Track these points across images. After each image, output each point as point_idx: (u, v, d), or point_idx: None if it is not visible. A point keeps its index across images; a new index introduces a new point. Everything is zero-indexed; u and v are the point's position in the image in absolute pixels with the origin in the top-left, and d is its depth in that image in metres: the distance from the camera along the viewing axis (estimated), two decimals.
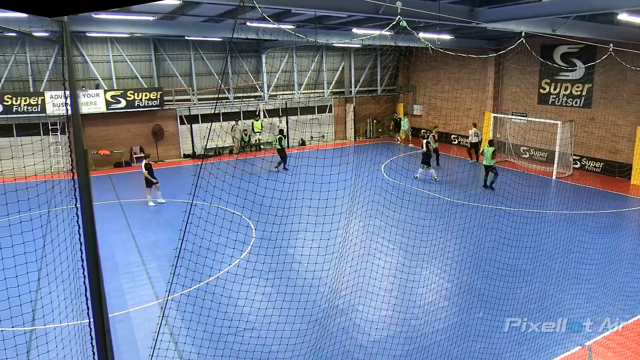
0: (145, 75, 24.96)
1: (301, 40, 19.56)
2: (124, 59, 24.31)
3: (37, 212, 10.33)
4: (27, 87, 22.43)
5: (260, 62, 27.63)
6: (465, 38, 22.40)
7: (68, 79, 4.43)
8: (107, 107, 23.12)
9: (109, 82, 24.13)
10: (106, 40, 23.55)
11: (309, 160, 8.66)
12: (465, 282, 10.65)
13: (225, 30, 18.90)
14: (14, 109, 21.30)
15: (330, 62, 30.06)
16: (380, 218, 12.73)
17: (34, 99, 21.59)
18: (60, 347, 7.79)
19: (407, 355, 8.12)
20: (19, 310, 8.43)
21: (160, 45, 25.01)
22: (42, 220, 10.16)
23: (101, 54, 23.86)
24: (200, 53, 25.97)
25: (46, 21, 11.72)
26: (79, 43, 22.95)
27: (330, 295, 9.48)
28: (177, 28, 18.95)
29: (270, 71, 27.93)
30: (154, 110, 24.73)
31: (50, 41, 20.46)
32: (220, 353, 7.93)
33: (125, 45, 24.19)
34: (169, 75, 25.62)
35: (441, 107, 28.56)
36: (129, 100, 23.49)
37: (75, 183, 4.58)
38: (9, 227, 9.57)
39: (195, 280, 9.51)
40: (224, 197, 8.64)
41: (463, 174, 19.93)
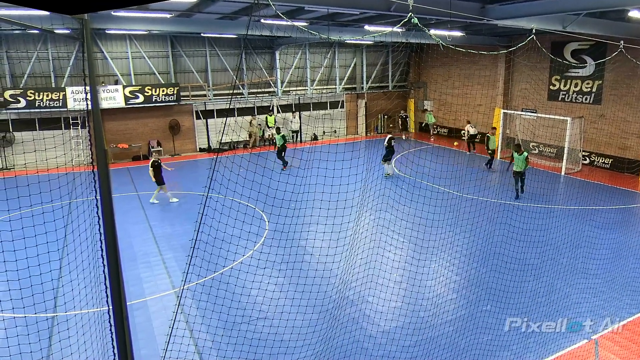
0: (162, 72, 25.38)
1: (314, 37, 19.76)
2: (142, 56, 24.74)
3: (58, 203, 10.71)
4: (49, 82, 22.98)
5: (274, 59, 27.88)
6: (476, 35, 22.35)
7: (88, 74, 4.51)
8: (126, 102, 23.59)
9: (127, 78, 24.59)
10: (125, 37, 23.99)
11: (321, 155, 8.86)
12: (474, 275, 10.78)
13: (240, 27, 19.15)
14: (37, 103, 21.86)
15: (342, 58, 30.20)
16: (390, 212, 12.90)
17: (56, 94, 22.13)
18: (80, 333, 8.03)
19: (416, 346, 8.24)
20: (42, 298, 8.75)
21: (177, 42, 25.39)
22: (63, 211, 10.50)
23: (120, 50, 24.32)
24: (215, 50, 26.30)
25: (67, 19, 12.06)
26: (99, 40, 23.40)
27: (341, 286, 9.67)
28: (193, 25, 19.25)
29: (284, 67, 28.17)
30: (170, 106, 25.15)
31: (71, 38, 20.95)
32: (233, 341, 8.16)
33: (143, 42, 24.62)
34: (186, 72, 26.01)
35: (451, 103, 28.52)
36: (147, 95, 23.94)
37: (95, 176, 4.66)
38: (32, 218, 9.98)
39: (210, 271, 9.77)
40: (239, 190, 8.89)
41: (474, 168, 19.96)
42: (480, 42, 23.11)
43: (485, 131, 26.31)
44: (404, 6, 9.81)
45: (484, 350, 8.12)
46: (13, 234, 8.08)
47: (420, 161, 21.39)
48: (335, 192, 9.51)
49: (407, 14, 8.35)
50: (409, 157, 22.44)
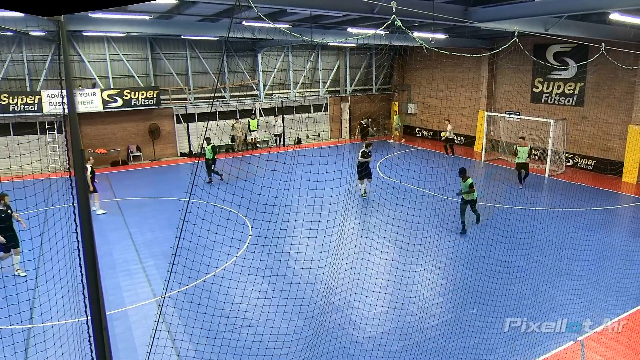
0: (141, 75, 24.99)
1: (297, 40, 19.62)
2: (121, 58, 24.33)
3: (34, 210, 10.37)
4: (24, 86, 22.40)
5: (256, 61, 27.70)
6: (459, 37, 22.55)
7: (65, 78, 4.43)
8: (104, 106, 23.13)
9: (105, 81, 24.15)
10: (102, 39, 23.56)
11: (304, 159, 8.74)
12: (460, 279, 10.77)
13: (221, 29, 18.94)
14: (11, 107, 21.28)
15: (325, 61, 30.18)
16: (375, 215, 12.85)
17: (31, 98, 21.58)
18: (58, 345, 7.80)
19: (403, 351, 8.19)
20: (17, 309, 8.47)
21: (157, 44, 25.04)
22: (39, 218, 10.19)
23: (98, 53, 23.87)
24: (196, 52, 26.00)
25: (42, 20, 11.75)
26: (76, 42, 22.94)
27: (326, 292, 9.56)
28: (173, 27, 18.97)
29: (266, 70, 28.01)
30: (150, 109, 24.76)
31: (47, 40, 20.44)
32: (217, 350, 8.01)
33: (121, 45, 24.21)
34: (166, 74, 25.66)
35: (435, 106, 28.73)
36: (126, 99, 23.51)
37: (72, 182, 4.58)
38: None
39: (193, 278, 9.57)
40: (221, 195, 8.73)
41: None
42: (464, 45, 23.33)
43: (470, 134, 26.64)
44: (387, 8, 9.75)
45: (471, 354, 8.11)
46: None
47: (404, 164, 21.39)
48: (319, 197, 9.38)
49: (390, 16, 8.29)
50: (393, 160, 22.46)
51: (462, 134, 27.50)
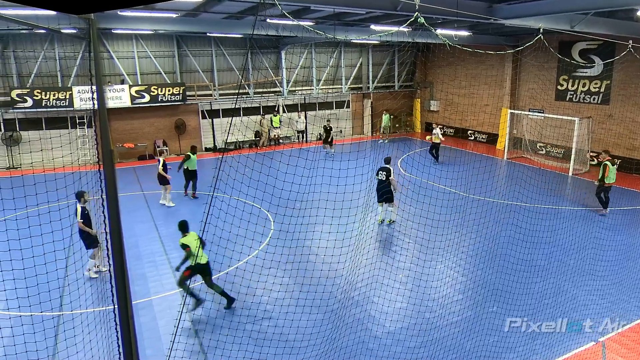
0: (168, 71, 25.46)
1: (320, 37, 19.74)
2: (148, 55, 24.83)
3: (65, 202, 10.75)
4: (56, 82, 23.09)
5: (280, 58, 27.90)
6: (483, 34, 22.28)
7: (95, 74, 4.52)
8: (132, 101, 23.68)
9: (133, 77, 24.69)
10: (131, 36, 24.08)
11: (326, 155, 8.84)
12: (480, 277, 10.73)
13: (245, 27, 19.17)
14: (43, 103, 21.99)
15: (348, 58, 30.18)
16: (395, 212, 12.87)
17: (62, 94, 22.25)
18: (86, 332, 8.07)
19: (421, 347, 8.21)
20: (48, 297, 8.81)
21: (183, 41, 25.45)
22: (69, 210, 10.54)
23: (126, 50, 24.42)
24: (221, 49, 26.35)
25: (74, 18, 12.12)
26: (105, 40, 23.51)
27: (346, 286, 9.66)
28: (199, 25, 19.29)
29: (290, 67, 28.18)
30: (176, 105, 25.22)
31: (78, 38, 21.02)
32: (238, 340, 8.16)
33: (149, 42, 24.71)
34: (191, 71, 26.07)
35: (458, 103, 28.47)
36: (153, 95, 24.02)
37: (101, 175, 4.67)
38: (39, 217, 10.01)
39: (215, 270, 9.78)
40: (244, 190, 8.90)
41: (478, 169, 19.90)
42: (487, 42, 23.04)
43: (492, 131, 26.31)
44: (411, 5, 9.79)
45: (490, 352, 8.08)
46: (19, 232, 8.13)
47: (426, 161, 21.34)
48: (340, 192, 9.50)
49: (413, 13, 8.32)
50: (415, 157, 22.39)
51: (484, 131, 27.21)
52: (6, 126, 22.59)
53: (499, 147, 25.44)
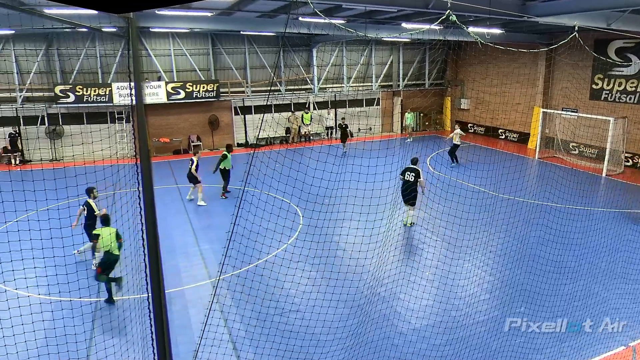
0: (203, 68, 26.01)
1: (351, 35, 19.79)
2: (184, 53, 25.43)
3: (103, 194, 11.18)
4: (97, 78, 23.94)
5: (311, 56, 28.10)
6: (516, 32, 21.86)
7: (133, 71, 4.63)
8: (168, 97, 24.33)
9: (169, 74, 25.34)
10: (168, 35, 24.72)
11: (356, 152, 8.94)
12: (508, 277, 10.64)
13: (278, 25, 19.41)
14: (85, 98, 22.87)
15: (379, 56, 30.13)
16: (424, 209, 12.84)
17: (102, 90, 23.08)
18: (121, 318, 8.44)
19: (447, 345, 8.21)
20: (86, 283, 9.24)
21: (218, 39, 25.95)
22: (107, 201, 11.00)
23: (163, 48, 25.08)
24: (254, 47, 26.74)
25: (114, 17, 12.54)
26: (143, 38, 24.20)
27: (373, 282, 9.73)
28: (233, 23, 19.64)
29: (321, 65, 28.36)
30: (210, 101, 25.75)
31: (118, 36, 21.70)
32: (266, 332, 8.36)
33: (185, 40, 25.30)
34: (225, 68, 26.56)
35: (489, 102, 28.01)
36: (188, 91, 24.61)
37: (138, 168, 4.80)
38: (79, 207, 10.44)
39: (245, 262, 10.01)
40: (274, 185, 9.10)
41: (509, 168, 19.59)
42: (520, 40, 22.62)
43: (524, 130, 25.79)
44: (443, 3, 9.78)
45: (517, 353, 8.03)
46: (61, 222, 8.56)
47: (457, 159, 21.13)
48: (369, 189, 9.58)
49: (445, 11, 8.35)
50: (444, 155, 22.20)
51: (515, 130, 26.72)
52: (50, 120, 23.58)
53: (530, 146, 24.96)
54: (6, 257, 10.79)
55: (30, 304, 9.16)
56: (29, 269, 9.12)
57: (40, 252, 9.90)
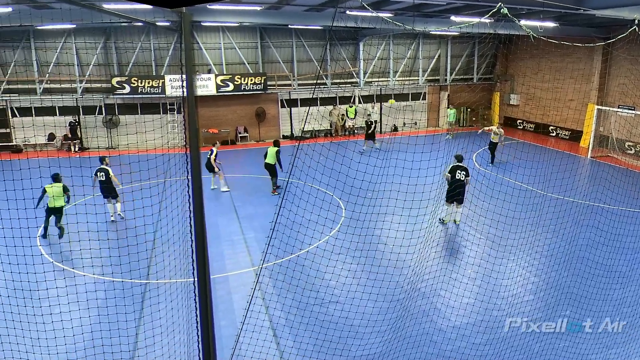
0: (251, 61, 26.47)
1: (399, 28, 19.60)
2: (233, 46, 25.96)
3: (155, 181, 11.67)
4: (150, 71, 24.88)
5: (358, 50, 28.00)
6: (571, 25, 20.92)
7: (185, 64, 4.71)
8: (217, 90, 24.95)
9: (219, 67, 25.96)
10: (218, 29, 25.30)
11: (400, 146, 8.90)
12: (554, 278, 10.34)
13: (325, 18, 19.48)
14: (139, 90, 23.84)
15: (426, 49, 29.64)
16: (468, 206, 12.63)
17: (156, 82, 23.97)
18: (168, 301, 8.77)
19: (487, 344, 8.11)
20: (137, 265, 9.70)
21: (266, 33, 26.31)
22: (158, 188, 11.45)
23: (213, 41, 25.70)
24: (301, 41, 26.94)
25: (168, 12, 12.99)
26: (195, 31, 24.85)
27: (413, 277, 9.71)
28: (281, 17, 19.88)
29: (367, 58, 28.24)
30: (258, 94, 26.20)
31: (171, 30, 22.41)
32: (305, 321, 8.50)
33: (234, 34, 25.82)
34: (273, 62, 26.92)
35: (540, 98, 26.97)
36: (236, 84, 25.16)
37: (187, 157, 4.92)
38: (132, 193, 10.99)
39: (288, 252, 10.19)
40: (318, 177, 9.22)
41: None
42: (575, 34, 21.65)
43: (577, 128, 24.74)
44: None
45: (560, 357, 7.83)
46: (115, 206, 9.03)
47: (502, 156, 20.59)
48: (412, 184, 9.53)
49: (496, 3, 8.18)
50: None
51: (567, 128, 25.69)
52: (107, 110, 24.72)
53: (582, 144, 23.96)
54: (65, 238, 11.52)
55: (86, 282, 9.75)
56: (85, 250, 9.69)
57: (96, 234, 10.49)
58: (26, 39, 23.12)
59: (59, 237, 12.41)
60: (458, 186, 12.80)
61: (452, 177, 12.92)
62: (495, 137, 20.19)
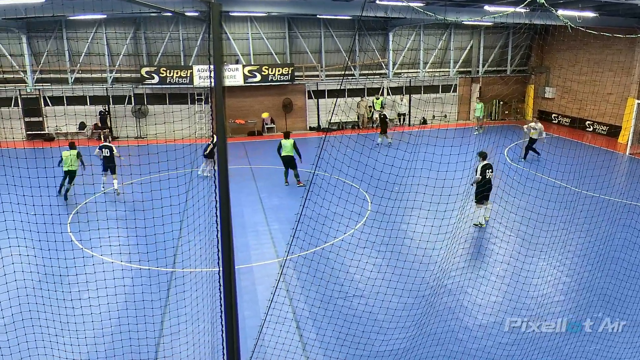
0: (278, 52, 26.42)
1: (430, 18, 19.19)
2: (261, 37, 25.94)
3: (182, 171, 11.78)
4: (179, 61, 25.14)
5: (387, 40, 27.59)
6: (611, 16, 20.11)
7: (213, 54, 4.72)
8: (245, 80, 25.02)
9: (247, 57, 26.00)
10: (246, 19, 25.32)
11: (429, 140, 8.71)
12: (586, 279, 9.99)
13: (354, 8, 19.25)
14: (168, 80, 24.10)
15: (458, 40, 28.97)
16: (498, 203, 12.32)
17: (184, 72, 24.19)
18: (193, 289, 8.84)
19: (514, 344, 7.92)
20: (163, 254, 9.82)
21: (294, 23, 26.19)
22: (185, 177, 11.53)
23: (241, 31, 25.75)
24: (330, 31, 26.71)
25: (196, 2, 13.02)
26: (223, 22, 24.86)
27: (440, 274, 9.55)
28: (310, 7, 19.74)
29: (397, 49, 27.79)
30: (285, 85, 26.16)
31: (200, 20, 22.50)
32: (329, 314, 8.45)
33: (262, 24, 25.79)
34: (300, 52, 26.81)
35: (577, 91, 26.04)
36: (264, 74, 25.16)
37: (214, 148, 5.04)
38: (159, 182, 11.07)
39: (312, 245, 10.13)
40: (344, 169, 9.10)
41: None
42: (616, 24, 20.82)
43: (615, 123, 23.84)
44: None
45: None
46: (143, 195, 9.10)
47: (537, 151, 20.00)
48: (441, 179, 9.33)
49: None
50: (523, 146, 21.08)
51: (604, 122, 24.79)
52: (136, 100, 25.11)
53: (621, 140, 23.08)
54: (94, 225, 11.76)
55: (114, 269, 9.92)
56: (114, 238, 9.85)
57: (124, 222, 10.64)
58: (58, 29, 23.63)
59: (67, 191, 15.00)
60: (489, 187, 12.62)
61: (484, 177, 12.62)
62: (534, 133, 19.50)
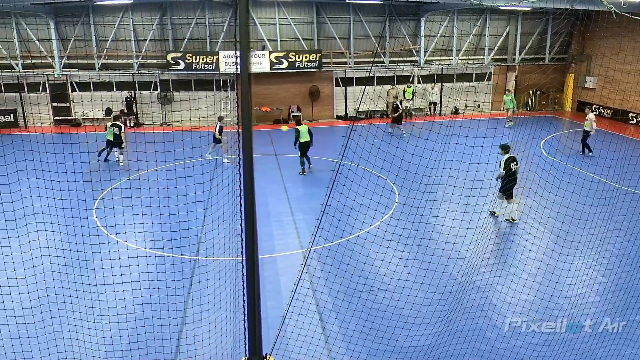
0: (306, 38, 26.11)
1: (464, 3, 18.54)
2: (289, 22, 25.66)
3: (207, 158, 11.80)
4: (205, 47, 25.12)
5: (419, 26, 26.91)
6: None
7: (240, 40, 4.59)
8: (271, 67, 24.84)
9: (273, 44, 25.78)
10: (273, 4, 25.09)
11: (461, 130, 8.37)
12: (624, 280, 9.51)
13: None
14: (193, 66, 24.15)
15: (493, 26, 27.98)
16: (532, 198, 11.86)
17: (210, 58, 24.17)
18: (217, 278, 8.81)
19: (544, 345, 7.65)
20: (187, 242, 9.82)
21: (322, 8, 25.79)
22: (210, 165, 11.50)
23: (268, 17, 25.53)
24: (359, 16, 26.19)
25: None
26: (250, 6, 24.71)
27: (469, 270, 9.26)
28: None
29: (429, 35, 27.07)
30: (312, 72, 25.87)
31: (226, 5, 22.43)
32: (353, 307, 8.35)
33: (290, 9, 25.49)
34: (328, 38, 26.42)
35: (620, 81, 24.83)
36: (291, 61, 24.91)
37: (239, 135, 4.83)
38: (184, 170, 11.04)
39: (337, 236, 9.97)
40: (371, 159, 8.85)
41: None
42: None
43: None
44: None
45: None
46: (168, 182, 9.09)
47: (573, 144, 19.24)
48: (472, 171, 8.97)
49: None
50: (562, 139, 20.35)
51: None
52: (162, 86, 25.24)
53: None
54: (119, 212, 11.85)
55: (138, 256, 9.95)
56: (138, 224, 9.89)
57: (149, 209, 10.67)
58: (86, 14, 23.90)
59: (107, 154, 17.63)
60: (514, 179, 12.24)
61: (510, 171, 12.25)
62: (588, 124, 18.59)
